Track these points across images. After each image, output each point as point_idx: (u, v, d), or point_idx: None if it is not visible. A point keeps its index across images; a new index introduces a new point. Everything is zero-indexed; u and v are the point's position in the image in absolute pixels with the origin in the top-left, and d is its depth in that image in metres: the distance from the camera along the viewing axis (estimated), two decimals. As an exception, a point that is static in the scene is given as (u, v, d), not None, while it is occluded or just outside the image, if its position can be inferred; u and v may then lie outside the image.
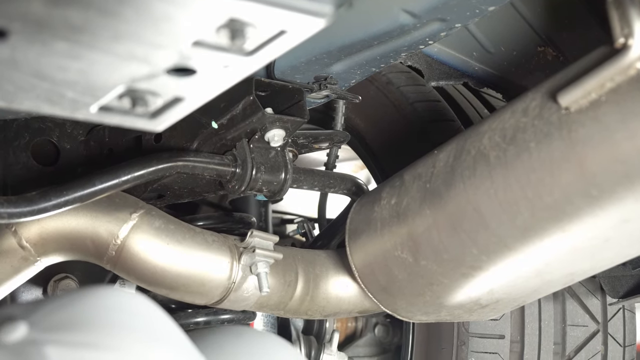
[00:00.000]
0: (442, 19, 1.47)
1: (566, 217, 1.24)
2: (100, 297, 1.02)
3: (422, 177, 1.48)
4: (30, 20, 0.78)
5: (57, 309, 0.97)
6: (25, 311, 0.97)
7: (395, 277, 1.56)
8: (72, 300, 1.00)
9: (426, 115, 2.05)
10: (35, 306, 0.98)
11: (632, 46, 1.09)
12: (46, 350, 0.91)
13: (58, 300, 1.00)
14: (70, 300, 0.99)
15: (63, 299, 1.00)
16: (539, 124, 1.23)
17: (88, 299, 1.01)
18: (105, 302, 1.01)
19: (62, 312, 0.97)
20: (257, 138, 1.59)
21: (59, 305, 0.98)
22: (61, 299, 1.00)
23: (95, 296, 1.02)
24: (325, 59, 1.61)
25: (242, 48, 0.86)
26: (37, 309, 0.97)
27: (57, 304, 0.98)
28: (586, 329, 2.10)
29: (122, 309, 1.02)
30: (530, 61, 1.75)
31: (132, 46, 0.84)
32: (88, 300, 1.00)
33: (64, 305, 0.98)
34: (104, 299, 1.02)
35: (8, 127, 1.74)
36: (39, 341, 0.92)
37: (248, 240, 1.69)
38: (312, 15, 0.81)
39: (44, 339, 0.92)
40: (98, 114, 0.97)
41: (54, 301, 0.99)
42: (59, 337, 0.92)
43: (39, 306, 0.98)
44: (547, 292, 1.53)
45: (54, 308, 0.97)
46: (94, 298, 1.01)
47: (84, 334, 0.94)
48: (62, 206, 1.43)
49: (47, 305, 0.98)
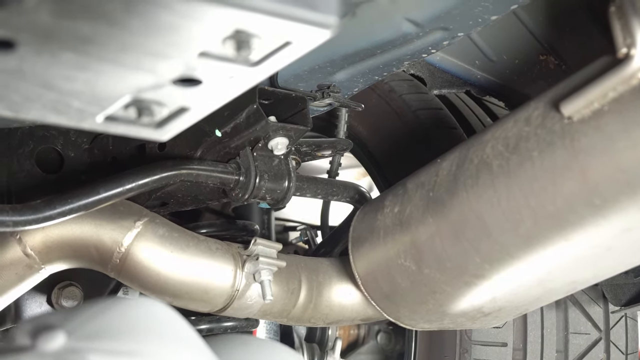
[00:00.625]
0: (444, 28, 1.47)
1: (569, 226, 1.24)
2: (129, 306, 1.04)
3: (425, 186, 1.49)
4: (38, 31, 0.78)
5: (91, 317, 0.99)
6: (61, 319, 0.98)
7: (399, 285, 1.57)
8: (104, 309, 1.01)
9: (428, 123, 2.06)
10: (69, 314, 0.99)
11: (635, 56, 1.09)
12: (89, 357, 0.92)
13: (90, 308, 1.01)
14: (102, 309, 1.01)
15: (94, 308, 1.01)
16: (541, 133, 1.24)
17: (118, 307, 1.02)
18: (135, 311, 1.03)
19: (97, 321, 0.98)
20: (260, 146, 1.59)
21: (93, 313, 1.00)
22: (93, 308, 1.01)
23: (125, 305, 1.04)
24: (328, 68, 1.62)
25: (248, 59, 0.86)
26: (73, 318, 0.98)
27: (91, 312, 1.00)
28: (588, 336, 2.10)
29: (151, 317, 1.04)
30: (533, 70, 1.76)
31: (138, 57, 0.85)
32: (119, 309, 1.02)
33: (97, 314, 0.99)
34: (133, 308, 1.04)
35: (12, 135, 1.75)
36: (80, 349, 0.93)
37: (252, 248, 1.69)
38: (317, 27, 0.82)
39: (85, 347, 0.93)
40: (104, 123, 0.98)
41: (87, 310, 1.01)
42: (97, 346, 0.94)
43: (73, 315, 0.99)
44: (550, 300, 1.53)
45: (89, 316, 0.99)
46: (123, 307, 1.03)
47: (120, 342, 0.95)
48: (67, 214, 1.44)
49: (81, 314, 0.99)
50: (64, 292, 1.87)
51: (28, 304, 1.88)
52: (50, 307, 1.88)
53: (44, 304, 1.89)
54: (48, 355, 0.92)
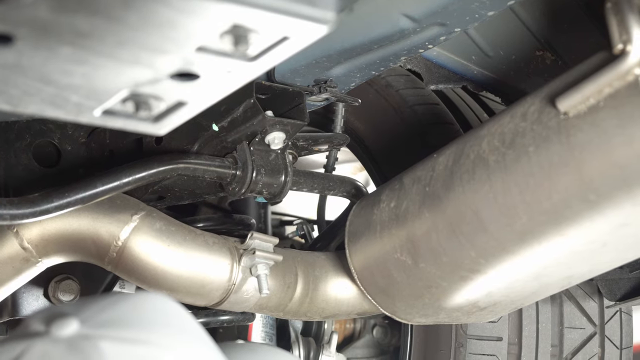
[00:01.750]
0: (441, 23, 1.48)
1: (564, 221, 1.24)
2: (140, 299, 1.07)
3: (421, 181, 1.49)
4: (36, 26, 0.79)
5: (104, 307, 1.01)
6: (75, 308, 1.01)
7: (395, 280, 1.57)
8: (117, 300, 1.04)
9: (425, 118, 2.06)
10: (83, 304, 1.02)
11: (631, 52, 1.10)
12: (101, 344, 0.95)
13: (103, 300, 1.04)
14: (115, 301, 1.03)
15: (107, 299, 1.04)
16: (537, 128, 1.24)
17: (130, 300, 1.05)
18: (147, 304, 1.06)
19: (109, 311, 1.00)
20: (257, 141, 1.59)
21: (107, 303, 1.02)
22: (105, 299, 1.04)
23: (137, 298, 1.06)
24: (325, 63, 1.62)
25: (245, 54, 0.87)
26: (86, 307, 1.01)
27: (104, 303, 1.02)
28: (583, 331, 2.10)
29: (161, 310, 1.06)
30: (529, 65, 1.76)
31: (136, 51, 0.85)
32: (131, 301, 1.05)
33: (110, 305, 1.02)
34: (145, 301, 1.06)
35: (10, 128, 1.75)
36: (92, 336, 0.96)
37: (248, 242, 1.69)
38: (315, 22, 0.82)
39: (97, 334, 0.96)
40: (102, 117, 0.98)
41: (100, 300, 1.03)
42: (109, 333, 0.96)
43: (87, 304, 1.02)
44: (545, 294, 1.54)
45: (102, 307, 1.01)
46: (135, 300, 1.06)
47: (132, 330, 0.98)
48: (64, 208, 1.44)
49: (95, 304, 1.02)
50: (61, 285, 1.88)
51: (25, 297, 1.88)
52: (47, 300, 1.88)
53: (41, 297, 1.89)
54: (61, 341, 0.95)
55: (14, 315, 1.88)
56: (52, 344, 0.95)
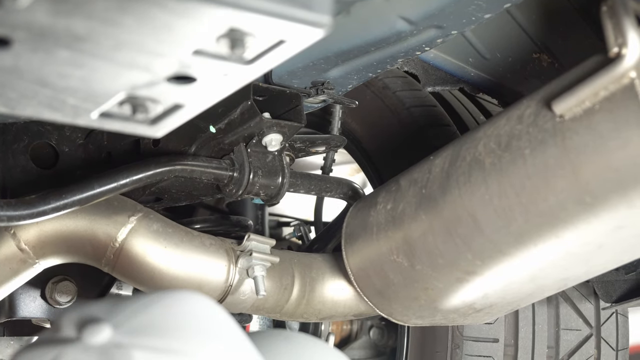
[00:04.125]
0: (438, 26, 1.48)
1: (560, 224, 1.25)
2: (173, 300, 1.04)
3: (418, 183, 1.49)
4: (34, 29, 0.79)
5: (137, 311, 0.99)
6: (107, 312, 0.98)
7: (391, 281, 1.57)
8: (151, 302, 1.01)
9: (422, 120, 2.06)
10: (115, 307, 1.00)
11: (626, 55, 1.10)
12: (133, 353, 0.93)
13: (137, 301, 1.01)
14: (149, 303, 1.01)
15: (141, 301, 1.02)
16: (533, 131, 1.25)
17: (163, 302, 1.02)
18: (180, 306, 1.03)
19: (141, 315, 0.98)
20: (254, 142, 1.60)
21: (139, 307, 1.00)
22: (139, 301, 1.02)
23: (169, 299, 1.03)
24: (322, 65, 1.63)
25: (242, 57, 0.87)
26: (118, 311, 0.98)
27: (137, 305, 1.00)
28: (579, 333, 2.11)
29: (195, 313, 1.03)
30: (526, 67, 1.76)
31: (133, 54, 0.85)
32: (163, 304, 1.02)
33: (143, 308, 1.00)
34: (178, 303, 1.04)
35: (7, 130, 1.75)
36: (125, 345, 0.93)
37: (245, 244, 1.70)
38: (311, 26, 0.83)
39: (130, 343, 0.94)
40: (99, 120, 0.98)
41: (132, 303, 1.01)
42: (143, 342, 0.94)
43: (119, 308, 0.99)
44: (541, 296, 1.54)
45: (135, 310, 0.99)
46: (168, 301, 1.03)
47: (164, 339, 0.96)
48: (61, 209, 1.44)
49: (127, 307, 0.99)
50: (58, 286, 1.88)
51: (22, 298, 1.88)
52: (44, 301, 1.88)
53: (38, 299, 1.89)
54: (93, 349, 0.93)
55: (11, 317, 1.88)
56: (84, 352, 0.93)
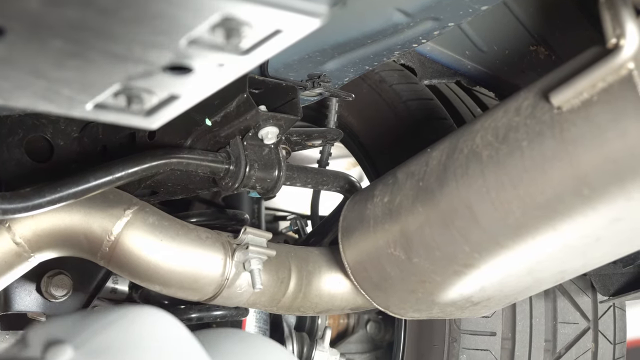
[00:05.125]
0: (435, 18, 1.47)
1: (558, 216, 1.24)
2: (134, 319, 1.07)
3: (415, 175, 1.49)
4: (27, 18, 0.78)
5: (97, 331, 1.02)
6: (69, 332, 1.02)
7: (388, 274, 1.57)
8: (112, 322, 1.05)
9: (419, 114, 2.06)
10: (78, 327, 1.04)
11: (624, 46, 1.10)
12: None
13: (99, 320, 1.05)
14: (110, 322, 1.04)
15: (103, 320, 1.05)
16: (531, 123, 1.24)
17: (125, 321, 1.06)
18: (139, 325, 1.07)
19: (102, 336, 1.02)
20: (250, 135, 1.59)
21: (100, 327, 1.03)
22: (102, 319, 1.05)
23: (129, 318, 1.07)
24: (318, 57, 1.62)
25: (238, 47, 0.86)
26: (81, 331, 1.02)
27: (99, 325, 1.04)
28: (577, 326, 2.11)
29: (154, 332, 1.07)
30: (523, 60, 1.76)
31: (128, 45, 0.85)
32: (126, 323, 1.05)
33: (104, 328, 1.03)
34: (138, 322, 1.07)
35: (2, 123, 1.74)
36: None
37: (241, 237, 1.69)
38: (307, 15, 0.82)
39: None
40: (93, 111, 0.98)
41: (96, 322, 1.05)
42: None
43: (81, 327, 1.03)
44: (539, 289, 1.54)
45: (96, 330, 1.03)
46: (128, 320, 1.06)
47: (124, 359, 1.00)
48: (56, 202, 1.44)
49: (89, 327, 1.03)
50: (54, 280, 1.87)
51: (17, 292, 1.87)
52: (40, 295, 1.88)
53: (33, 292, 1.88)
54: None
55: (6, 310, 1.88)
56: None
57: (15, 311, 1.89)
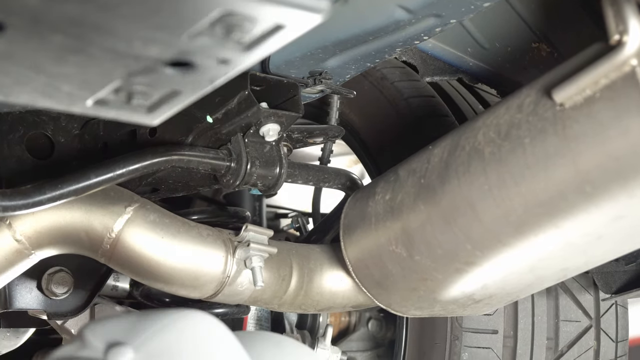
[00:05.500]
0: (437, 14, 1.47)
1: (560, 214, 1.24)
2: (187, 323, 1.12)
3: (416, 173, 1.48)
4: (27, 14, 0.78)
5: (155, 334, 1.07)
6: (127, 334, 1.07)
7: (390, 272, 1.57)
8: (165, 325, 1.09)
9: (420, 111, 2.06)
10: (135, 328, 1.08)
11: (627, 43, 1.09)
12: None
13: (153, 322, 1.10)
14: (165, 325, 1.09)
15: (158, 322, 1.10)
16: (533, 120, 1.24)
17: (180, 325, 1.11)
18: (192, 329, 1.11)
19: (159, 339, 1.07)
20: (252, 132, 1.59)
21: (157, 330, 1.08)
22: (156, 322, 1.10)
23: (181, 322, 1.11)
24: (320, 54, 1.62)
25: (239, 42, 0.86)
26: (139, 333, 1.07)
27: (155, 328, 1.08)
28: (579, 324, 2.10)
29: (207, 336, 1.12)
30: (525, 57, 1.76)
31: (128, 40, 0.84)
32: (180, 327, 1.10)
33: (159, 331, 1.08)
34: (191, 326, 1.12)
35: (2, 120, 1.74)
36: None
37: (243, 235, 1.69)
38: (309, 11, 0.81)
39: None
40: (94, 107, 0.97)
41: (151, 324, 1.09)
42: None
43: (139, 329, 1.08)
44: (541, 287, 1.53)
45: (153, 333, 1.07)
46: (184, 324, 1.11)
47: None
48: (57, 199, 1.43)
49: (146, 329, 1.08)
50: (54, 277, 1.87)
51: (18, 289, 1.87)
52: (41, 293, 1.88)
53: (34, 290, 1.88)
54: None
55: (7, 308, 1.87)
56: None
57: (16, 309, 1.88)
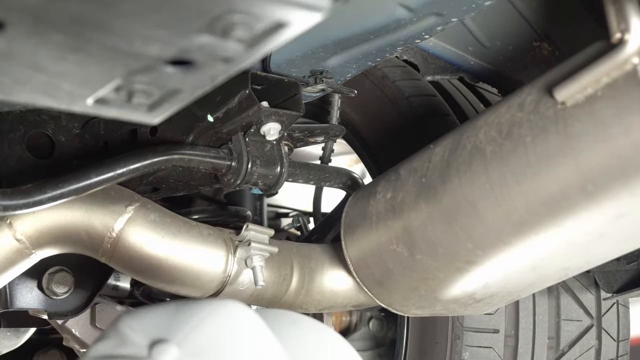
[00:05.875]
0: (438, 13, 1.47)
1: (561, 212, 1.24)
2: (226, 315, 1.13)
3: (417, 172, 1.48)
4: (28, 12, 0.77)
5: (194, 328, 1.08)
6: (167, 329, 1.08)
7: (391, 271, 1.56)
8: (205, 318, 1.10)
9: (421, 110, 2.06)
10: (173, 323, 1.09)
11: (629, 41, 1.09)
12: None
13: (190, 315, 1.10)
14: (203, 318, 1.10)
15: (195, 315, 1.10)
16: (534, 118, 1.23)
17: (217, 316, 1.11)
18: (229, 321, 1.12)
19: (198, 333, 1.07)
20: (252, 131, 1.59)
21: (196, 324, 1.09)
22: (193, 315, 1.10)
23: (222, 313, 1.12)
24: (321, 53, 1.61)
25: (240, 41, 0.86)
26: (178, 328, 1.08)
27: (194, 322, 1.09)
28: (580, 323, 2.10)
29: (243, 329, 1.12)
30: (526, 56, 1.75)
31: (129, 39, 0.84)
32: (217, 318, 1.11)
33: (200, 324, 1.08)
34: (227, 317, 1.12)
35: (3, 119, 1.74)
36: None
37: (243, 234, 1.69)
38: (310, 9, 0.81)
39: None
40: (94, 106, 0.97)
41: (188, 317, 1.10)
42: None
43: (177, 323, 1.09)
44: (542, 286, 1.53)
45: (193, 327, 1.08)
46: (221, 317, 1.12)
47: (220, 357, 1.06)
48: (58, 199, 1.43)
49: (185, 323, 1.09)
50: (55, 277, 1.87)
51: (19, 289, 1.87)
52: (41, 292, 1.88)
53: (35, 289, 1.88)
54: None
55: (7, 307, 1.87)
56: None
57: (17, 308, 1.88)
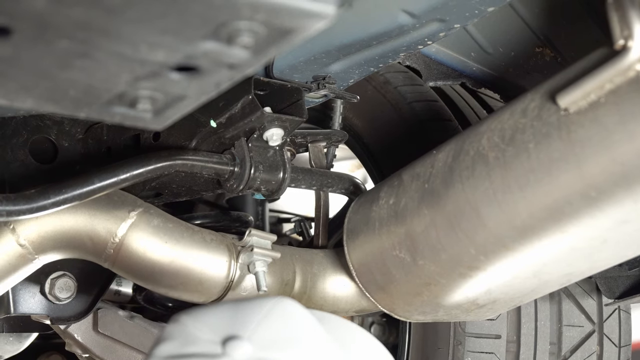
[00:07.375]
0: (441, 19, 1.47)
1: (564, 218, 1.24)
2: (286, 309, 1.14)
3: (420, 177, 1.48)
4: (34, 18, 0.78)
5: (262, 323, 1.09)
6: (235, 326, 1.09)
7: (393, 277, 1.56)
8: (268, 314, 1.11)
9: (424, 115, 2.05)
10: (239, 318, 1.10)
11: (632, 48, 1.09)
12: None
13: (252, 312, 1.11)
14: (266, 314, 1.10)
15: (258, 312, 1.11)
16: (537, 124, 1.24)
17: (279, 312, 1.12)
18: (292, 318, 1.13)
19: (267, 329, 1.08)
20: (255, 137, 1.59)
21: (261, 319, 1.09)
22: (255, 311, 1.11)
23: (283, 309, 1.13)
24: (324, 59, 1.61)
25: (245, 47, 0.86)
26: (246, 324, 1.09)
27: (258, 318, 1.10)
28: (582, 329, 2.10)
29: (302, 324, 1.13)
30: (528, 62, 1.76)
31: (134, 45, 0.84)
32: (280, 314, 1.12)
33: (265, 321, 1.09)
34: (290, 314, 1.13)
35: (6, 124, 1.74)
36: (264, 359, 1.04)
37: (246, 239, 1.69)
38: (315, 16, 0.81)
39: (267, 357, 1.04)
40: (99, 112, 0.97)
41: (252, 314, 1.11)
42: (276, 356, 1.05)
43: (244, 319, 1.10)
44: (544, 292, 1.53)
45: (258, 323, 1.09)
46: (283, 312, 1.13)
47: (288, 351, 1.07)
48: (61, 204, 1.43)
49: (250, 319, 1.10)
50: (58, 282, 1.86)
51: (22, 294, 1.87)
52: (44, 297, 1.87)
53: (37, 294, 1.88)
54: None
55: (10, 312, 1.87)
56: None
57: (20, 313, 1.88)
